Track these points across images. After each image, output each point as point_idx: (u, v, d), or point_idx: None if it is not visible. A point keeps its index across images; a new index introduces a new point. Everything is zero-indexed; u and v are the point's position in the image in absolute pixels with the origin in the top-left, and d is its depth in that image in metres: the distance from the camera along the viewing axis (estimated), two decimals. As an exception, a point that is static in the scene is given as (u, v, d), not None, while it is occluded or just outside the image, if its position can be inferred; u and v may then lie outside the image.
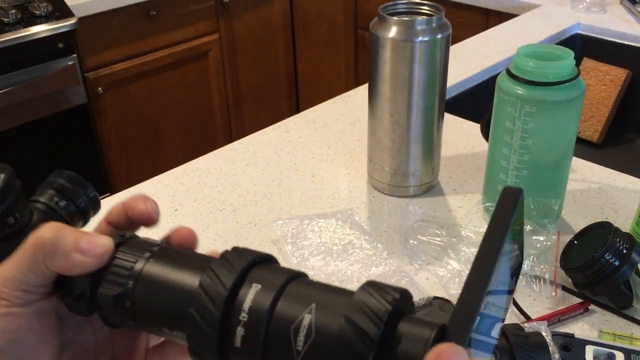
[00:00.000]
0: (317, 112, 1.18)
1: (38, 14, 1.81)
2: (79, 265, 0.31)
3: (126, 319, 0.32)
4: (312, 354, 0.27)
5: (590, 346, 0.64)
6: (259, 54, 2.50)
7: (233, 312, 0.29)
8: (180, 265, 0.32)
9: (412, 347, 0.26)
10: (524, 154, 0.78)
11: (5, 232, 0.34)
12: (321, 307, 0.28)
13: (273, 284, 0.29)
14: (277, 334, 0.28)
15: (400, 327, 0.27)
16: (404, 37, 0.81)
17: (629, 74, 1.47)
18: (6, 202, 0.34)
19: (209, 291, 0.29)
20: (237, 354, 0.29)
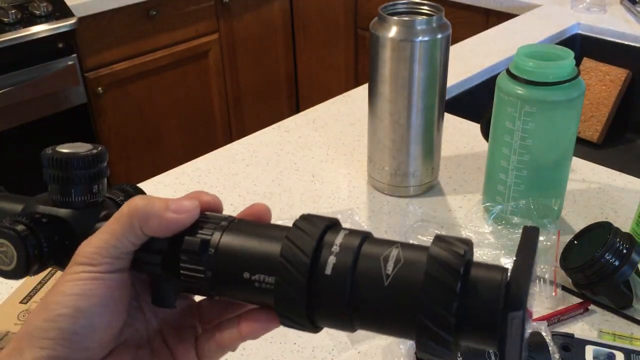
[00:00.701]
0: (317, 112, 1.18)
1: (38, 14, 1.81)
2: (173, 222, 0.33)
3: (205, 269, 0.33)
4: (401, 277, 0.30)
5: (590, 346, 0.64)
6: (259, 54, 2.50)
7: (322, 255, 0.31)
8: (261, 228, 0.34)
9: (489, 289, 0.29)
10: (524, 154, 0.78)
11: (85, 198, 0.38)
12: (405, 246, 0.31)
13: (357, 232, 0.32)
14: (367, 261, 0.31)
15: (474, 270, 0.30)
16: (404, 37, 0.81)
17: (629, 74, 1.47)
18: (97, 167, 0.38)
19: (298, 242, 0.31)
20: (327, 283, 0.31)
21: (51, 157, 0.38)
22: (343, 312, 0.31)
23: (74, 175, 0.38)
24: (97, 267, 0.33)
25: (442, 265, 0.29)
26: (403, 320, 0.30)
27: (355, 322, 0.31)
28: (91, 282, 0.32)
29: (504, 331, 0.28)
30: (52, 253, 0.37)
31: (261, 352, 0.68)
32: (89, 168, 0.38)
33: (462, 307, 0.29)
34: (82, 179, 0.38)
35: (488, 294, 0.29)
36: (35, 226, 0.37)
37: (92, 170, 0.38)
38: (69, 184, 0.38)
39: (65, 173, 0.38)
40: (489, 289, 0.29)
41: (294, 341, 0.69)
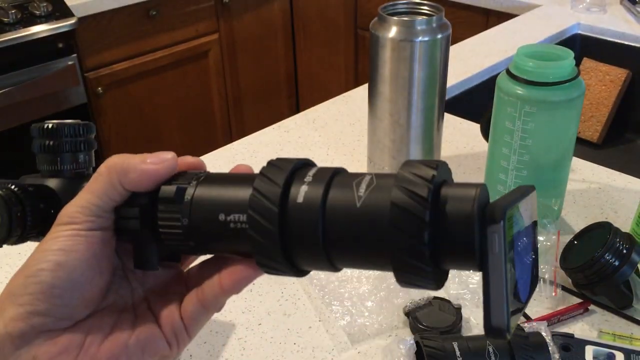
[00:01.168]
0: (317, 112, 1.18)
1: (38, 14, 1.81)
2: (151, 173, 0.34)
3: (181, 217, 0.33)
4: (374, 199, 0.29)
5: (590, 346, 0.64)
6: (259, 54, 2.50)
7: (293, 187, 0.30)
8: (235, 176, 0.34)
9: (461, 205, 0.27)
10: (524, 154, 0.78)
11: (72, 167, 0.39)
12: (379, 175, 0.30)
13: (328, 169, 0.31)
14: (340, 186, 0.30)
15: (444, 190, 0.28)
16: (404, 37, 0.81)
17: (629, 74, 1.47)
18: (84, 137, 0.39)
19: (264, 191, 0.30)
20: (299, 213, 0.30)
21: (40, 127, 0.39)
22: (318, 243, 0.30)
23: (62, 143, 0.39)
24: (79, 225, 0.33)
25: (408, 193, 0.27)
26: (379, 251, 0.29)
27: (332, 256, 0.30)
28: (72, 238, 0.33)
29: (484, 247, 0.27)
30: (36, 221, 0.37)
31: (261, 352, 0.68)
32: (76, 136, 0.39)
33: (437, 233, 0.27)
34: (69, 146, 0.39)
35: (461, 213, 0.27)
36: (22, 193, 0.37)
37: (80, 139, 0.39)
38: (57, 151, 0.39)
39: (54, 140, 0.39)
40: (462, 206, 0.27)
41: (294, 341, 0.69)
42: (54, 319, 0.32)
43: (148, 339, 0.34)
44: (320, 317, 0.72)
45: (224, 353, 0.68)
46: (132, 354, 0.34)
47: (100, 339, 0.33)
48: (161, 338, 0.35)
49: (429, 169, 0.28)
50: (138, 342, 0.34)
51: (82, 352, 0.32)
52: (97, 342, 0.33)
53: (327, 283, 0.76)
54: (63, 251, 0.32)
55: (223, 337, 0.70)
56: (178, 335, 0.35)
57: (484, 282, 0.27)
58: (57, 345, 0.32)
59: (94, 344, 0.33)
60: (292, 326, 0.71)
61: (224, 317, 0.72)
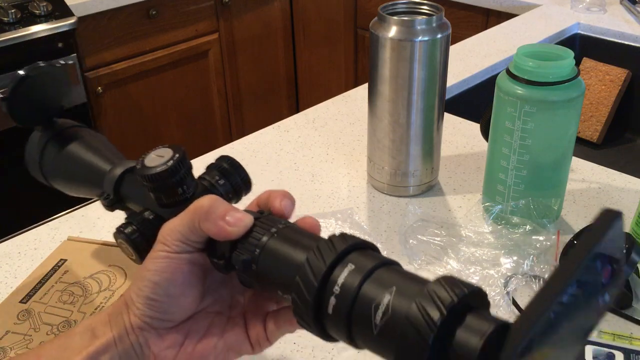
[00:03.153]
0: (316, 112, 1.18)
1: (38, 14, 1.81)
2: (223, 231, 0.40)
3: (252, 279, 0.40)
4: (387, 327, 0.32)
5: (589, 346, 0.64)
6: (259, 54, 2.50)
7: (329, 284, 0.35)
8: (296, 242, 0.39)
9: (469, 337, 0.29)
10: (524, 153, 0.78)
11: (174, 200, 0.45)
12: (400, 291, 0.33)
13: (365, 267, 0.35)
14: (362, 308, 0.34)
15: (467, 319, 0.30)
16: (404, 37, 0.81)
17: (628, 73, 1.47)
18: (178, 175, 0.44)
19: (312, 265, 0.36)
20: (328, 320, 0.36)
21: (141, 174, 0.44)
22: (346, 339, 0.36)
23: (162, 185, 0.44)
24: (169, 248, 0.41)
25: (424, 316, 0.30)
26: (387, 349, 0.33)
27: (354, 338, 0.35)
28: (162, 260, 0.40)
29: None
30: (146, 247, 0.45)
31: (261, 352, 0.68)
32: (172, 177, 0.44)
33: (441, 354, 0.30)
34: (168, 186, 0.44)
35: (467, 343, 0.29)
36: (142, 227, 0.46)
37: (175, 178, 0.44)
38: (159, 191, 0.45)
39: (155, 184, 0.44)
40: (466, 347, 0.29)
41: (294, 341, 0.69)
42: (160, 321, 0.41)
43: (234, 342, 0.43)
44: (320, 317, 0.72)
45: (224, 353, 0.68)
46: (219, 354, 0.43)
47: (196, 339, 0.42)
48: (246, 342, 0.43)
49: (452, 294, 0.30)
50: (225, 344, 0.43)
51: (181, 350, 0.42)
52: (194, 342, 0.42)
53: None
54: (157, 272, 0.40)
55: (223, 336, 0.70)
56: (260, 341, 0.44)
57: None
58: (165, 342, 0.42)
59: (191, 344, 0.42)
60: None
61: (224, 317, 0.72)
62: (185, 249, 0.41)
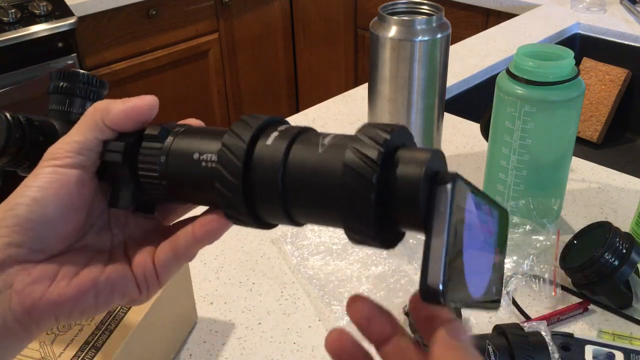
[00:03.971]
0: (316, 112, 1.18)
1: (38, 13, 1.81)
2: (132, 109, 0.35)
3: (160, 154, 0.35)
4: (330, 155, 0.30)
5: (589, 346, 0.64)
6: (259, 54, 2.50)
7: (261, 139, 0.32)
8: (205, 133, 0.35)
9: (410, 168, 0.28)
10: (524, 153, 0.78)
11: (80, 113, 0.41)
12: (341, 135, 0.31)
13: (290, 131, 0.33)
14: (304, 140, 0.32)
15: (398, 154, 0.29)
16: (404, 37, 0.81)
17: (628, 73, 1.47)
18: (98, 89, 0.41)
19: (231, 145, 0.32)
20: (260, 164, 0.32)
21: (59, 69, 0.41)
22: (276, 194, 0.31)
23: (75, 87, 0.41)
24: (58, 161, 0.35)
25: (360, 155, 0.28)
26: (331, 208, 0.30)
27: (290, 208, 0.32)
28: (50, 176, 0.34)
29: (431, 207, 0.27)
30: (31, 150, 0.40)
31: (261, 352, 0.68)
32: (90, 85, 0.41)
33: (386, 193, 0.28)
34: (81, 91, 0.41)
35: (409, 173, 0.28)
36: (26, 122, 0.40)
37: (92, 88, 0.41)
38: (68, 93, 0.41)
39: (68, 83, 0.41)
40: (411, 168, 0.28)
41: (294, 340, 0.69)
42: (29, 251, 0.34)
43: (118, 279, 0.36)
44: (320, 317, 0.72)
45: (224, 352, 0.68)
46: (101, 291, 0.35)
47: (73, 273, 0.35)
48: (131, 280, 0.36)
49: (384, 132, 0.29)
50: (108, 280, 0.35)
51: (54, 284, 0.34)
52: (69, 275, 0.35)
53: (326, 283, 0.76)
54: (40, 188, 0.34)
55: (223, 336, 0.70)
56: (148, 279, 0.36)
57: (425, 242, 0.27)
58: (31, 275, 0.34)
59: (66, 278, 0.35)
60: (292, 326, 0.71)
61: (224, 317, 0.72)
62: (79, 162, 0.35)
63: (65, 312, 0.34)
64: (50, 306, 0.34)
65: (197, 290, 0.75)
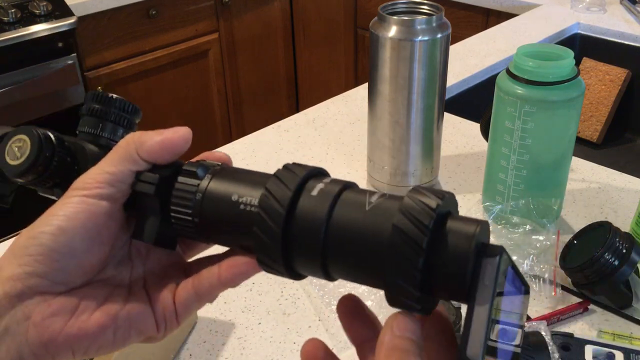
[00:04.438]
0: (316, 112, 1.18)
1: (37, 13, 1.81)
2: (167, 141, 0.34)
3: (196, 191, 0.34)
4: (376, 217, 0.30)
5: (589, 346, 0.64)
6: (259, 54, 2.50)
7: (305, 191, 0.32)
8: (249, 173, 0.35)
9: (460, 241, 0.28)
10: (524, 153, 0.78)
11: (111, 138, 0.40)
12: (385, 196, 0.31)
13: (339, 181, 0.33)
14: (350, 198, 0.31)
15: (448, 223, 0.29)
16: (404, 37, 0.81)
17: (628, 73, 1.47)
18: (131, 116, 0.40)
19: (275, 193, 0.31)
20: (304, 215, 0.31)
21: (96, 93, 0.40)
22: (317, 248, 0.31)
23: (110, 112, 0.40)
24: (87, 192, 0.34)
25: (411, 219, 0.28)
26: (374, 268, 0.30)
27: (328, 263, 0.31)
28: (78, 206, 0.33)
29: (475, 280, 0.27)
30: (58, 169, 0.38)
31: (261, 352, 0.68)
32: (123, 111, 0.40)
33: (432, 262, 0.28)
34: (114, 117, 0.40)
35: (459, 245, 0.28)
36: (57, 141, 0.39)
37: (125, 115, 0.40)
38: (101, 117, 0.40)
39: (104, 107, 0.40)
40: (460, 240, 0.28)
41: (294, 340, 0.69)
42: (50, 282, 0.33)
43: (138, 315, 0.35)
44: (320, 317, 0.72)
45: (224, 352, 0.68)
46: (120, 327, 0.34)
47: (93, 308, 0.34)
48: (150, 318, 0.35)
49: (435, 199, 0.29)
50: (128, 316, 0.34)
51: (73, 317, 0.33)
52: (89, 310, 0.34)
53: (326, 283, 0.76)
54: (67, 217, 0.33)
55: (223, 336, 0.70)
56: (167, 318, 0.35)
57: (467, 313, 0.27)
58: (51, 308, 0.33)
59: (86, 312, 0.33)
60: (292, 326, 0.71)
61: (224, 317, 0.72)
62: (108, 195, 0.34)
63: (83, 347, 0.33)
64: (69, 341, 0.33)
65: (197, 290, 0.75)
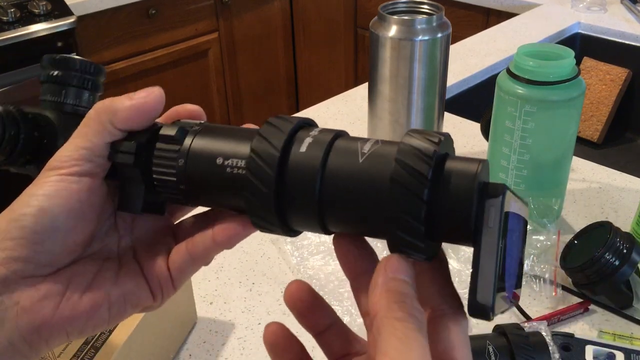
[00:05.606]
0: (316, 112, 1.18)
1: (37, 13, 1.81)
2: (140, 105, 0.33)
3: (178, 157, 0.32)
4: (374, 164, 0.28)
5: (590, 346, 0.63)
6: (259, 53, 2.50)
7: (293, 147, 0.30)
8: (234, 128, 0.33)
9: (461, 181, 0.27)
10: (524, 153, 0.78)
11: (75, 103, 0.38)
12: (382, 142, 0.30)
13: (331, 130, 0.31)
14: (344, 141, 0.30)
15: (446, 165, 0.28)
16: (404, 36, 0.81)
17: (629, 73, 1.47)
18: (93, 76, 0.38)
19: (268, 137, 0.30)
20: (296, 170, 0.30)
21: (52, 56, 0.38)
22: (313, 201, 0.30)
23: (70, 75, 0.38)
24: (66, 170, 0.32)
25: (410, 170, 0.27)
26: (374, 219, 0.29)
27: (326, 215, 0.30)
28: (57, 184, 0.32)
29: (480, 222, 0.27)
30: (27, 146, 0.37)
31: (261, 352, 0.68)
32: (85, 72, 0.38)
33: (435, 207, 0.27)
34: (76, 80, 0.38)
35: (461, 188, 0.27)
36: (20, 115, 0.37)
37: (88, 77, 0.38)
38: (63, 83, 0.38)
39: (62, 70, 0.37)
40: (462, 182, 0.27)
41: (294, 341, 0.69)
42: (36, 265, 0.31)
43: (131, 288, 0.34)
44: (320, 317, 0.72)
45: (224, 353, 0.68)
46: (114, 303, 0.33)
47: (83, 287, 0.33)
48: (145, 288, 0.34)
49: (431, 144, 0.28)
50: (121, 290, 0.33)
51: (64, 300, 0.32)
52: (80, 290, 0.32)
53: (326, 283, 0.75)
54: (47, 196, 0.31)
55: (223, 336, 0.70)
56: (163, 285, 0.34)
57: (474, 257, 0.27)
58: (40, 292, 0.31)
59: (77, 292, 0.32)
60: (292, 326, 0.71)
61: (224, 317, 0.72)
62: (88, 170, 0.32)
63: (78, 328, 0.32)
64: (63, 323, 0.32)
65: (196, 290, 0.75)
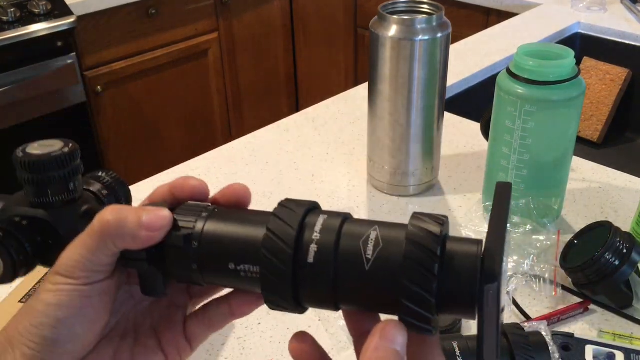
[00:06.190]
0: (316, 111, 1.18)
1: (37, 13, 1.81)
2: (146, 240, 0.33)
3: (190, 262, 0.33)
4: (381, 260, 0.31)
5: (590, 346, 0.63)
6: (259, 53, 2.50)
7: (304, 242, 0.32)
8: (242, 216, 0.34)
9: (467, 262, 0.30)
10: (524, 153, 0.78)
11: (63, 197, 0.38)
12: (383, 227, 0.32)
13: (337, 215, 0.33)
14: (348, 245, 0.31)
15: (449, 246, 0.31)
16: (404, 36, 0.81)
17: (629, 73, 1.47)
18: (70, 166, 0.38)
19: (278, 233, 0.32)
20: (310, 271, 0.31)
21: (23, 161, 0.37)
22: (328, 297, 0.32)
23: (49, 177, 0.37)
24: (75, 280, 0.33)
25: (420, 248, 0.30)
26: (386, 301, 0.31)
27: (340, 304, 0.33)
28: (69, 294, 0.33)
29: (481, 303, 0.29)
30: (37, 254, 0.37)
31: (261, 352, 0.67)
32: (62, 168, 0.38)
33: (442, 285, 0.30)
34: (57, 179, 0.38)
35: (465, 269, 0.30)
36: (16, 230, 0.37)
37: (66, 170, 0.38)
38: (44, 185, 0.37)
39: (39, 175, 0.37)
40: (466, 264, 0.30)
41: (294, 341, 0.69)
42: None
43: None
44: (320, 317, 0.72)
45: (224, 352, 0.68)
46: None
47: None
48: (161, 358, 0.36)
49: (437, 225, 0.30)
50: None
51: None
52: None
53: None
54: (61, 307, 0.33)
55: (223, 336, 0.70)
56: (181, 352, 0.36)
57: (478, 325, 0.29)
58: None
59: None
60: (292, 326, 0.71)
61: (224, 317, 0.72)
62: (97, 278, 0.33)
63: None
64: None
65: (196, 290, 0.75)
